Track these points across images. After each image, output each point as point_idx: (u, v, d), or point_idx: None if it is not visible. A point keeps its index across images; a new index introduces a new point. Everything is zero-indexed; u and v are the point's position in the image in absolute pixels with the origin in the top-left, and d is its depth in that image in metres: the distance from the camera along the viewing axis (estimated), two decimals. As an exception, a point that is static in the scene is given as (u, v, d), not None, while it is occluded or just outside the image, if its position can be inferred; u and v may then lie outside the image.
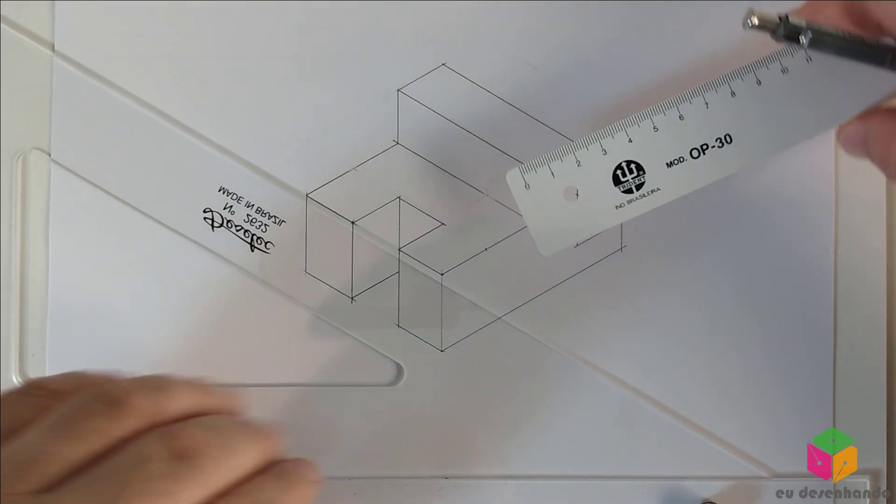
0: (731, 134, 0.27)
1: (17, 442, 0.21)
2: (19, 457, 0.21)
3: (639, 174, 0.27)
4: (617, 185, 0.28)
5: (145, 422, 0.22)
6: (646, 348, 0.31)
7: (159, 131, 0.30)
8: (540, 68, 0.30)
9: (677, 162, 0.27)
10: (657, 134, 0.27)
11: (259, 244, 0.31)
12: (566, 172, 0.27)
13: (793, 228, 0.30)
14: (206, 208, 0.31)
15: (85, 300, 0.31)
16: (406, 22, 0.30)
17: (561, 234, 0.28)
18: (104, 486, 0.20)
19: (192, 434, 0.22)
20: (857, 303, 0.31)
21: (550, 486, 0.31)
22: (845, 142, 0.27)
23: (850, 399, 0.30)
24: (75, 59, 0.31)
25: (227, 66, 0.31)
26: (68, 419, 0.21)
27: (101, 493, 0.20)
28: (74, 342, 0.31)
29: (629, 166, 0.27)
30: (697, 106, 0.27)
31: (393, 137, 0.31)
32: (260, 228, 0.31)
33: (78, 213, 0.31)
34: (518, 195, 0.28)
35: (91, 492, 0.20)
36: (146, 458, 0.21)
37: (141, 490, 0.20)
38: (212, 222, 0.31)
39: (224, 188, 0.31)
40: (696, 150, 0.27)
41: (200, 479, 0.21)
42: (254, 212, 0.31)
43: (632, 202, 0.28)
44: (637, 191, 0.28)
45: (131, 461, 0.21)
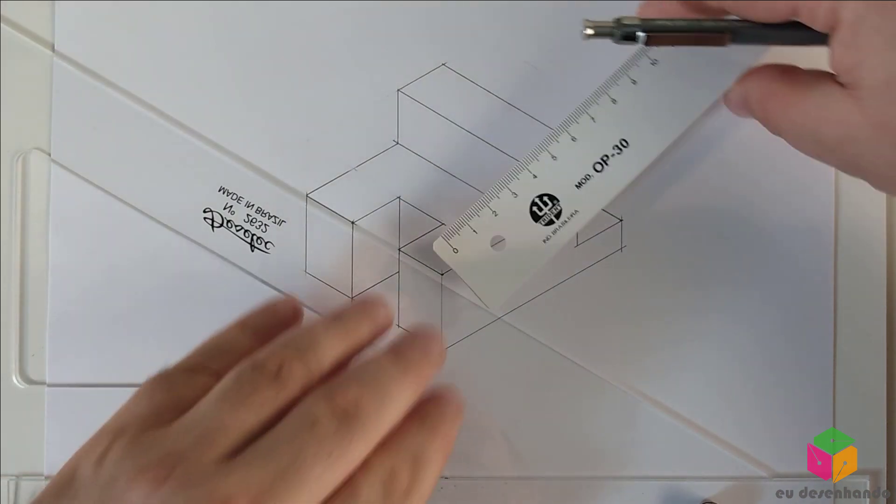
0: (625, 138, 0.29)
1: (190, 417, 0.23)
2: (199, 429, 0.22)
3: (553, 204, 0.29)
4: (537, 220, 0.29)
5: (304, 383, 0.24)
6: (645, 348, 0.31)
7: (159, 131, 0.31)
8: (540, 68, 0.30)
9: (585, 180, 0.29)
10: (557, 162, 0.29)
11: (259, 244, 0.31)
12: (486, 225, 0.29)
13: (793, 228, 0.30)
14: (206, 208, 0.31)
15: (85, 300, 0.31)
16: (406, 22, 0.30)
17: (503, 284, 0.29)
18: (282, 451, 0.22)
19: (353, 393, 0.23)
20: (857, 303, 0.31)
21: (551, 486, 0.31)
22: (729, 105, 0.28)
23: (850, 399, 0.30)
24: (75, 59, 0.31)
25: (227, 66, 0.31)
26: (235, 392, 0.23)
27: (280, 458, 0.22)
28: (74, 342, 0.31)
29: (542, 200, 0.29)
30: (584, 123, 0.29)
31: (393, 137, 0.31)
32: (260, 228, 0.31)
33: (78, 213, 0.31)
34: (451, 262, 0.29)
35: (272, 457, 0.22)
36: (314, 421, 0.23)
37: (316, 452, 0.22)
38: (212, 222, 0.31)
39: (224, 188, 0.31)
40: (598, 163, 0.29)
41: (366, 435, 0.23)
42: (254, 212, 0.31)
43: (557, 231, 0.29)
44: (558, 219, 0.29)
45: (302, 425, 0.23)
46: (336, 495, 0.23)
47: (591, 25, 0.25)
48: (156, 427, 0.23)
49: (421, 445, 0.24)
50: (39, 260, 0.31)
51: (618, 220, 0.31)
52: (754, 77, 0.27)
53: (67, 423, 0.30)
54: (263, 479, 0.21)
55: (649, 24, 0.25)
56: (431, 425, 0.25)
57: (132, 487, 0.21)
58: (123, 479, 0.21)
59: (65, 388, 0.30)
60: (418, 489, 0.24)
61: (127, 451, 0.22)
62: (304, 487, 0.22)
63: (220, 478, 0.21)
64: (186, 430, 0.23)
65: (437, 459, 0.25)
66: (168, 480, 0.21)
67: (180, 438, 0.22)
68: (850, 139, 0.24)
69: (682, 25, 0.25)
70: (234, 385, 0.23)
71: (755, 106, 0.27)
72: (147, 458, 0.22)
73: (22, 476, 0.31)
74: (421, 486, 0.24)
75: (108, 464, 0.22)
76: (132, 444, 0.22)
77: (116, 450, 0.22)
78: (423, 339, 0.26)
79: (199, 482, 0.21)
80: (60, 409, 0.30)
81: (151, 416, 0.23)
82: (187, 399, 0.24)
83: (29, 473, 0.31)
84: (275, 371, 0.24)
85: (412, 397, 0.25)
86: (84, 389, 0.30)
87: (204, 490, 0.21)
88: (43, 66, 0.31)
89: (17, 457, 0.31)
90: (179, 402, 0.24)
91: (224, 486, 0.21)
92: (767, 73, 0.26)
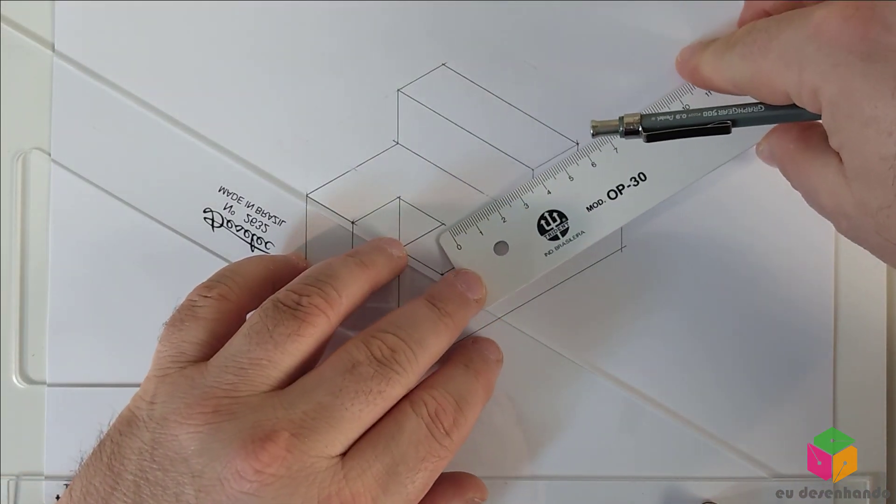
0: (643, 172, 0.29)
1: (223, 354, 0.25)
2: (233, 366, 0.24)
3: (562, 221, 0.29)
4: (542, 234, 0.30)
5: (327, 314, 0.25)
6: (646, 348, 0.31)
7: (160, 131, 0.30)
8: (540, 68, 0.30)
9: (597, 205, 0.29)
10: (573, 182, 0.29)
11: (259, 244, 0.31)
12: (493, 229, 0.30)
13: (793, 229, 0.30)
14: (206, 208, 0.31)
15: (85, 300, 0.31)
16: (406, 22, 0.30)
17: (498, 287, 0.30)
18: (324, 389, 0.24)
19: (390, 338, 0.25)
20: (857, 303, 0.31)
21: (551, 486, 0.31)
22: (760, 157, 0.29)
23: (850, 399, 0.30)
24: (75, 59, 0.31)
25: (228, 66, 0.31)
26: (261, 327, 0.25)
27: (321, 395, 0.24)
28: (74, 342, 0.31)
29: (552, 215, 0.29)
30: (607, 152, 0.29)
31: (393, 137, 0.31)
32: (260, 228, 0.31)
33: (78, 213, 0.31)
34: (452, 256, 0.30)
35: (313, 394, 0.24)
36: (355, 363, 0.24)
37: (356, 391, 0.24)
38: (212, 222, 0.31)
39: (224, 188, 0.31)
40: (613, 191, 0.29)
41: (402, 377, 0.25)
42: (254, 212, 0.31)
43: (559, 248, 0.30)
44: (563, 236, 0.30)
45: (343, 368, 0.24)
46: (381, 427, 0.25)
47: (595, 125, 0.26)
48: (194, 365, 0.25)
49: (465, 387, 0.27)
50: (39, 260, 0.31)
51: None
52: (777, 134, 0.27)
53: (67, 422, 0.30)
54: (305, 412, 0.23)
55: (649, 121, 0.26)
56: (476, 370, 0.28)
57: (182, 423, 0.23)
58: (173, 416, 0.24)
59: (65, 387, 0.30)
60: (459, 428, 0.26)
61: (171, 392, 0.24)
62: (343, 423, 0.24)
63: (263, 409, 0.23)
64: (223, 367, 0.24)
65: (478, 402, 0.27)
66: (213, 415, 0.23)
67: (219, 375, 0.24)
68: (842, 213, 0.24)
69: (682, 121, 0.26)
70: (259, 321, 0.25)
71: (777, 163, 0.28)
72: (191, 397, 0.24)
73: (22, 476, 0.31)
74: (462, 426, 0.26)
75: (159, 405, 0.24)
76: (174, 385, 0.25)
77: (163, 393, 0.25)
78: (462, 284, 0.28)
79: (242, 414, 0.23)
80: (60, 408, 0.30)
81: (179, 356, 0.25)
82: (214, 332, 0.26)
83: (29, 473, 0.31)
84: (295, 303, 0.25)
85: (448, 341, 0.27)
86: (84, 389, 0.30)
87: (247, 421, 0.23)
88: (43, 66, 0.31)
89: (17, 456, 0.31)
90: (208, 336, 0.26)
91: (267, 417, 0.23)
92: (787, 132, 0.27)
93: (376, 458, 0.24)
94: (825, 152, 0.24)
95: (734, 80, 0.26)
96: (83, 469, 0.25)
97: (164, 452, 0.23)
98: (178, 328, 0.26)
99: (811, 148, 0.25)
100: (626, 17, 0.30)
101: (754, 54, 0.24)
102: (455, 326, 0.27)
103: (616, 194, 0.29)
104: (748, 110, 0.25)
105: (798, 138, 0.26)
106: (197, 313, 0.26)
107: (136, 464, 0.24)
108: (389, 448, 0.24)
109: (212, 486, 0.23)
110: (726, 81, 0.26)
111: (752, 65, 0.24)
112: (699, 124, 0.26)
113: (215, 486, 0.23)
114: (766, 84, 0.24)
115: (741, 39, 0.25)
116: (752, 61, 0.24)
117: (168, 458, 0.23)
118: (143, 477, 0.23)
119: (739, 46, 0.25)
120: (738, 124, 0.25)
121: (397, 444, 0.24)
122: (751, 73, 0.24)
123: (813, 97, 0.23)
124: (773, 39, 0.23)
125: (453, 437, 0.25)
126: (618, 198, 0.29)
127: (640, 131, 0.26)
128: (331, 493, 0.23)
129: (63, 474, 0.30)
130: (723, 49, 0.26)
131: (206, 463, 0.23)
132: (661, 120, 0.26)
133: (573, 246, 0.30)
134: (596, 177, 0.29)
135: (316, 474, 0.23)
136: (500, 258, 0.30)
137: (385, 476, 0.24)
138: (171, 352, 0.26)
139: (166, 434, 0.24)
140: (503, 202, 0.30)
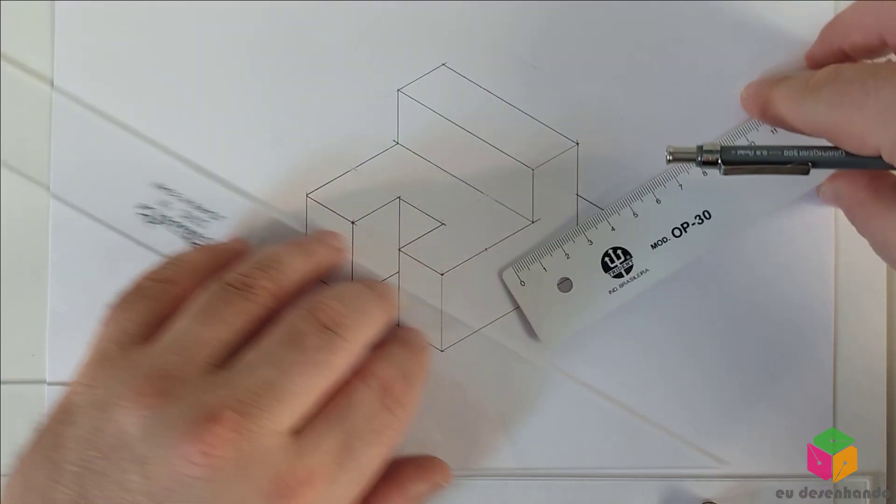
0: (708, 210, 0.29)
1: (169, 334, 0.24)
2: (178, 345, 0.24)
3: (626, 258, 0.29)
4: (607, 271, 0.29)
5: (272, 296, 0.25)
6: (645, 348, 0.31)
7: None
8: (540, 68, 0.30)
9: (661, 242, 0.29)
10: (637, 219, 0.29)
11: (199, 240, 0.30)
12: (557, 265, 0.29)
13: (793, 229, 0.30)
14: (141, 203, 0.30)
15: (85, 300, 0.31)
16: (406, 22, 0.30)
17: (561, 325, 0.30)
18: (270, 361, 0.23)
19: (334, 306, 0.25)
20: (857, 303, 0.31)
21: (551, 484, 0.31)
22: (822, 198, 0.29)
23: (850, 399, 0.30)
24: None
25: (228, 66, 0.30)
26: (208, 307, 0.24)
27: (265, 369, 0.23)
28: (74, 342, 0.31)
29: (616, 252, 0.29)
30: (671, 189, 0.29)
31: (393, 137, 0.31)
32: (200, 225, 0.30)
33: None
34: (515, 292, 0.30)
35: (257, 368, 0.23)
36: (300, 332, 0.24)
37: (302, 362, 0.23)
38: (146, 217, 0.30)
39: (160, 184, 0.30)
40: (678, 229, 0.29)
41: (347, 346, 0.25)
42: (192, 208, 0.30)
43: (623, 286, 0.29)
44: (627, 274, 0.29)
45: (287, 336, 0.24)
46: (333, 402, 0.24)
47: (672, 151, 0.26)
48: (136, 347, 0.24)
49: (409, 361, 0.27)
50: (40, 260, 0.31)
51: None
52: (846, 180, 0.27)
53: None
54: (250, 388, 0.23)
55: (730, 154, 0.25)
56: (414, 347, 0.28)
57: (124, 406, 0.22)
58: (114, 400, 0.23)
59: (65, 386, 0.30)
60: (409, 400, 0.26)
61: (111, 375, 0.24)
62: (290, 396, 0.23)
63: (207, 389, 0.23)
64: (167, 347, 0.24)
65: (421, 376, 0.27)
66: (156, 397, 0.22)
67: (163, 356, 0.23)
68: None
69: (763, 157, 0.25)
70: (207, 301, 0.25)
71: (844, 208, 0.28)
72: (134, 380, 0.23)
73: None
74: (411, 399, 0.26)
75: (99, 389, 0.23)
76: (115, 368, 0.24)
77: (103, 375, 0.24)
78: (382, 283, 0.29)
79: (186, 395, 0.22)
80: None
81: (124, 336, 0.25)
82: (153, 311, 0.25)
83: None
84: (243, 285, 0.25)
85: (386, 320, 0.27)
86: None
87: (191, 402, 0.22)
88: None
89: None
90: (153, 317, 0.25)
91: (211, 397, 0.22)
92: (857, 179, 0.27)
93: (329, 432, 0.24)
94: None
95: (814, 125, 0.25)
96: (21, 464, 0.23)
97: (105, 439, 0.22)
98: (123, 308, 0.25)
99: (885, 198, 0.25)
100: (626, 16, 0.30)
101: (846, 105, 0.23)
102: (391, 309, 0.28)
103: (681, 232, 0.29)
104: (829, 154, 0.25)
105: (868, 187, 0.26)
106: (144, 293, 0.26)
107: (76, 453, 0.22)
108: (343, 422, 0.24)
109: (159, 472, 0.22)
110: (803, 124, 0.25)
111: (840, 114, 0.24)
112: (779, 162, 0.25)
113: (162, 471, 0.22)
114: (856, 136, 0.23)
115: (826, 85, 0.24)
116: (842, 111, 0.23)
117: (110, 444, 0.22)
118: (85, 466, 0.22)
119: (826, 93, 0.24)
120: (816, 166, 0.25)
121: (351, 418, 0.24)
122: (837, 121, 0.24)
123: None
124: (869, 94, 0.23)
125: (405, 407, 0.25)
126: (682, 236, 0.29)
127: (719, 163, 0.25)
128: (284, 470, 0.22)
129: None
130: (802, 91, 0.25)
131: (150, 448, 0.22)
132: (741, 154, 0.25)
133: (638, 284, 0.29)
134: (661, 213, 0.29)
135: (267, 453, 0.22)
136: (563, 295, 0.29)
137: (340, 451, 0.24)
138: (114, 332, 0.25)
139: (107, 419, 0.22)
140: (567, 238, 0.30)
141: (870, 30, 0.25)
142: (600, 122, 0.30)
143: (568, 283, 0.29)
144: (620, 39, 0.30)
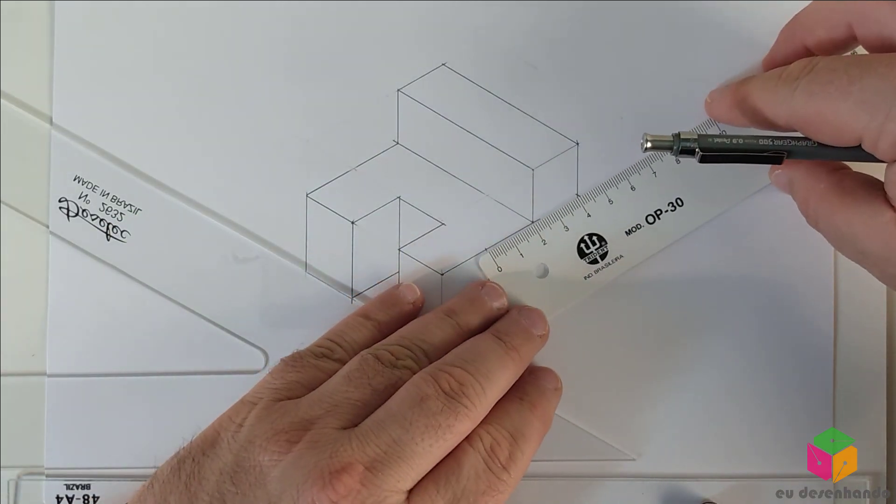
0: (681, 198, 0.30)
1: (318, 392, 0.26)
2: (326, 403, 0.25)
3: (601, 245, 0.30)
4: (582, 257, 0.30)
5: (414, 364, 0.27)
6: (645, 348, 0.31)
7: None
8: (540, 68, 0.30)
9: (635, 229, 0.30)
10: (612, 206, 0.30)
11: (115, 233, 0.30)
12: (534, 251, 0.30)
13: (793, 230, 0.30)
14: (61, 198, 0.30)
15: (85, 300, 0.31)
16: (406, 22, 0.30)
17: None
18: (396, 423, 0.24)
19: (458, 373, 0.26)
20: (857, 303, 0.31)
21: (551, 485, 0.31)
22: (774, 182, 0.29)
23: (850, 399, 0.30)
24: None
25: (227, 66, 0.30)
26: (358, 375, 0.26)
27: (393, 430, 0.24)
28: (74, 342, 0.31)
29: (591, 238, 0.30)
30: (646, 176, 0.30)
31: (393, 137, 0.31)
32: (115, 217, 0.30)
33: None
34: (492, 279, 0.30)
35: (386, 429, 0.24)
36: (424, 397, 0.25)
37: (426, 425, 0.24)
38: (67, 212, 0.30)
39: (78, 177, 0.30)
40: (651, 215, 0.30)
41: (470, 412, 0.25)
42: (108, 200, 0.30)
43: (599, 271, 0.30)
44: (602, 260, 0.30)
45: (412, 400, 0.25)
46: (441, 464, 0.25)
47: (650, 139, 0.26)
48: (287, 399, 0.26)
49: (520, 421, 0.27)
50: (39, 259, 0.31)
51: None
52: (802, 172, 0.27)
53: (67, 415, 0.30)
54: (378, 447, 0.24)
55: (707, 142, 0.26)
56: (531, 403, 0.28)
57: (266, 448, 0.24)
58: (259, 440, 0.24)
59: (65, 378, 0.30)
60: (516, 463, 0.26)
61: (262, 417, 0.25)
62: (414, 457, 0.24)
63: (343, 444, 0.24)
64: (314, 403, 0.25)
65: (534, 435, 0.27)
66: (297, 444, 0.24)
67: (309, 410, 0.25)
68: (893, 261, 0.24)
69: (739, 145, 0.26)
70: (358, 369, 0.26)
71: (798, 199, 0.27)
72: (280, 424, 0.25)
73: (22, 474, 0.31)
74: (519, 460, 0.26)
75: (246, 428, 0.25)
76: (267, 412, 0.25)
77: (253, 417, 0.25)
78: (526, 320, 0.29)
79: (323, 446, 0.24)
80: (60, 401, 0.30)
81: (283, 390, 0.26)
82: (315, 379, 0.27)
83: (28, 466, 0.31)
84: (392, 360, 0.26)
85: (514, 376, 0.27)
86: (84, 381, 0.30)
87: (327, 453, 0.24)
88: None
89: (18, 453, 0.31)
90: (308, 381, 0.27)
91: (345, 452, 0.24)
92: (816, 171, 0.26)
93: (438, 493, 0.24)
94: (872, 197, 0.24)
95: (789, 116, 0.25)
96: (159, 485, 0.25)
97: (244, 476, 0.24)
98: (296, 370, 0.27)
99: (850, 192, 0.25)
100: (625, 16, 0.30)
101: (830, 94, 0.23)
102: (521, 361, 0.28)
103: (654, 219, 0.30)
104: (803, 144, 0.25)
105: (830, 178, 0.26)
106: (317, 365, 0.27)
107: (214, 485, 0.24)
108: (451, 483, 0.25)
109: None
110: (778, 116, 0.25)
111: (822, 104, 0.23)
112: (754, 151, 0.26)
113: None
114: (835, 126, 0.23)
115: (803, 76, 0.24)
116: (824, 100, 0.23)
117: (248, 481, 0.24)
118: (220, 499, 0.24)
119: (804, 83, 0.24)
120: (791, 155, 0.25)
121: (458, 480, 0.25)
122: (818, 111, 0.24)
123: (892, 150, 0.23)
124: (853, 83, 0.23)
125: (511, 470, 0.26)
126: (655, 223, 0.30)
127: (696, 151, 0.26)
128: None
129: (63, 468, 0.30)
130: (776, 83, 0.25)
131: (283, 490, 0.23)
132: (717, 142, 0.26)
133: (612, 270, 0.30)
134: (635, 201, 0.30)
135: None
136: (540, 281, 0.30)
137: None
138: (278, 384, 0.26)
139: (249, 458, 0.24)
140: (543, 224, 0.30)
141: (836, 24, 0.25)
142: (600, 122, 0.30)
143: (544, 269, 0.30)
144: (620, 40, 0.30)
